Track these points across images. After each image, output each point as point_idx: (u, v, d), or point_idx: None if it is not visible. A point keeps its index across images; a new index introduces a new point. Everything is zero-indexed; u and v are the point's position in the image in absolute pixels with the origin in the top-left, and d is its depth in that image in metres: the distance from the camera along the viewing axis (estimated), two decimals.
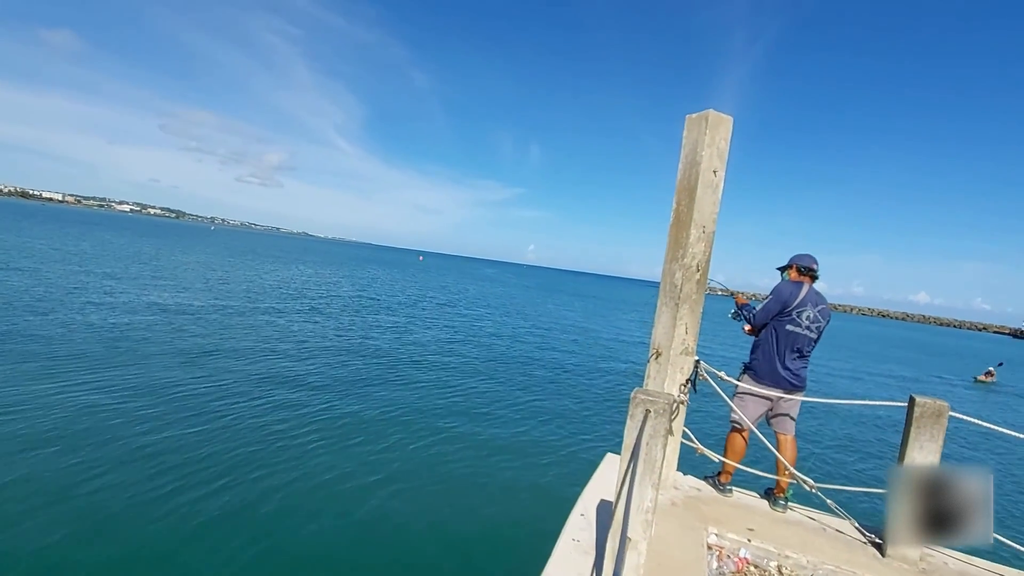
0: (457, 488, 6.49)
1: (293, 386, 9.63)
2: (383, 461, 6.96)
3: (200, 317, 15.07)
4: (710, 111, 3.15)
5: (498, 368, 13.65)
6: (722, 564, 2.90)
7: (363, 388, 10.11)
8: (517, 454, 7.75)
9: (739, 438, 3.67)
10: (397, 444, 7.57)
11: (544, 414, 9.95)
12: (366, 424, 8.15)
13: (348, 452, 7.09)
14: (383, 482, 6.37)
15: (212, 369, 9.96)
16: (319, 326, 16.44)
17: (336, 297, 25.77)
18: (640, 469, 1.99)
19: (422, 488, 6.36)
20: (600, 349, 19.56)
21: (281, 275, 34.29)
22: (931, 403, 2.88)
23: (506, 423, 9.11)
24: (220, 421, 7.49)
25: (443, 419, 8.90)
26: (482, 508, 6.06)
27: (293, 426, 7.68)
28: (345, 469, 6.57)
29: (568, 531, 2.80)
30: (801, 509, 3.44)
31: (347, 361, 12.23)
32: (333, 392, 9.57)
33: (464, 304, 31.43)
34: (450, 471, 6.92)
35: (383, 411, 8.89)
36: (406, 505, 5.91)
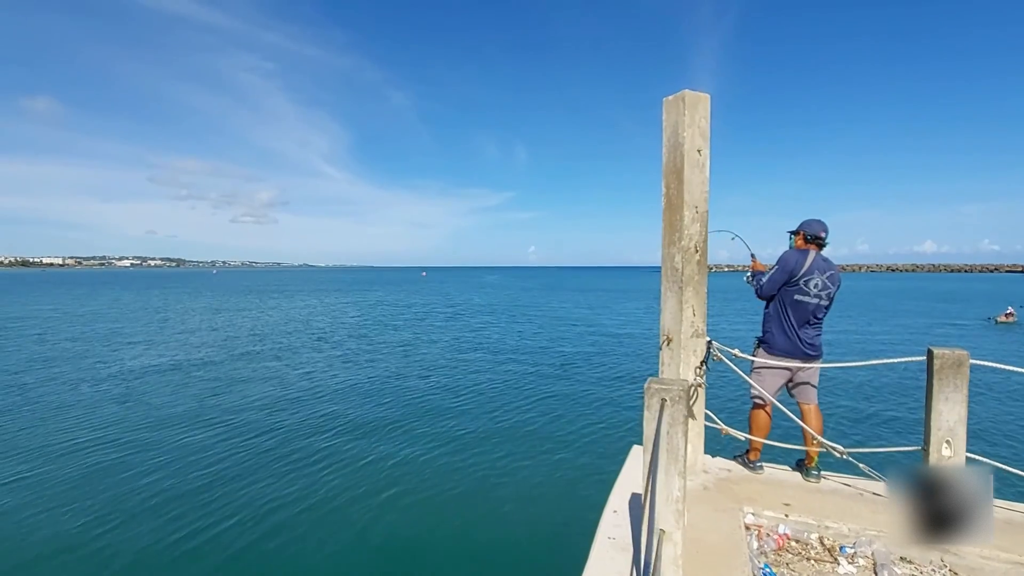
0: (485, 494, 6.51)
1: (302, 415, 9.69)
2: (405, 476, 7.02)
3: (208, 360, 15.15)
4: (686, 91, 3.13)
5: (510, 373, 13.63)
6: (763, 543, 2.86)
7: (376, 410, 10.13)
8: (541, 455, 7.74)
9: (762, 413, 3.62)
10: (417, 458, 7.61)
11: (563, 411, 9.93)
12: (384, 444, 8.18)
13: (369, 470, 7.18)
14: (408, 497, 6.43)
15: (221, 410, 9.98)
16: (326, 355, 16.47)
17: (341, 324, 25.84)
18: (664, 459, 1.97)
19: (450, 498, 6.39)
20: (610, 340, 19.52)
21: (285, 309, 34.44)
22: (950, 353, 2.84)
23: (525, 425, 9.10)
24: (230, 457, 7.58)
25: (460, 429, 8.91)
26: (513, 512, 6.06)
27: (309, 453, 7.75)
28: (368, 487, 6.66)
29: (603, 529, 2.77)
30: (835, 477, 3.39)
31: (356, 385, 12.26)
32: (346, 417, 9.60)
33: (469, 314, 31.49)
34: (475, 479, 6.94)
35: (398, 430, 8.92)
36: (435, 517, 5.95)
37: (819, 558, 2.75)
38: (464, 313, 31.77)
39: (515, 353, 16.71)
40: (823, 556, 2.76)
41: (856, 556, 2.73)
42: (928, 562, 2.65)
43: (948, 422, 2.85)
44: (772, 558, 2.77)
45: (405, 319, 27.98)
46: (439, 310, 34.04)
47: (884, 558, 2.67)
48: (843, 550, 2.77)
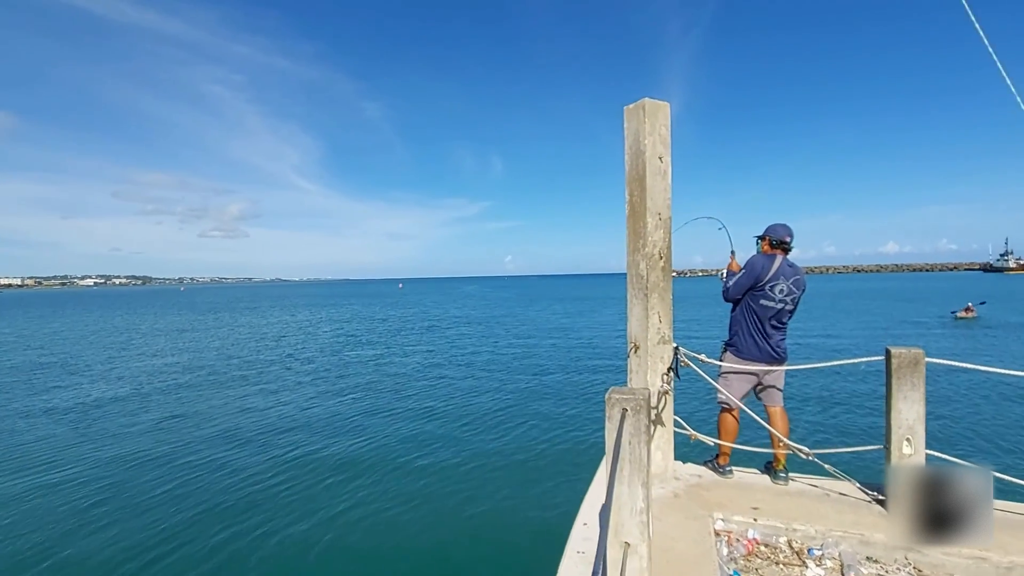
0: (456, 508, 6.43)
1: (266, 437, 9.36)
2: (374, 489, 6.92)
3: (170, 384, 14.61)
4: (646, 99, 3.16)
5: (484, 384, 13.55)
6: (732, 549, 2.85)
7: (346, 425, 9.94)
8: (514, 467, 7.68)
9: (730, 418, 3.64)
10: (387, 471, 7.51)
11: (538, 422, 9.88)
12: (354, 462, 8.01)
13: (337, 485, 7.02)
14: (378, 510, 6.35)
15: (182, 435, 9.59)
16: (296, 373, 16.09)
17: (313, 340, 25.34)
18: (627, 470, 1.94)
19: (420, 511, 6.29)
20: (583, 349, 19.60)
21: (255, 326, 33.65)
22: (907, 352, 2.89)
23: (499, 437, 9.03)
24: (192, 484, 7.27)
25: (432, 441, 8.81)
26: (484, 526, 5.99)
27: (271, 476, 7.47)
28: (336, 502, 6.51)
29: (572, 543, 2.72)
30: (802, 478, 3.42)
31: (326, 402, 11.96)
32: (315, 436, 9.35)
33: (446, 325, 31.31)
34: (446, 492, 6.85)
35: (369, 444, 8.77)
36: (404, 531, 5.87)
37: (788, 562, 2.76)
38: (441, 325, 31.55)
39: (489, 364, 16.63)
40: (792, 560, 2.77)
41: (824, 558, 2.74)
42: (893, 561, 2.68)
43: (908, 420, 2.89)
44: (742, 564, 2.76)
45: (380, 333, 27.62)
46: (415, 323, 33.73)
47: (851, 559, 2.69)
48: (811, 552, 2.78)
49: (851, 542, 2.77)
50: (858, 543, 2.75)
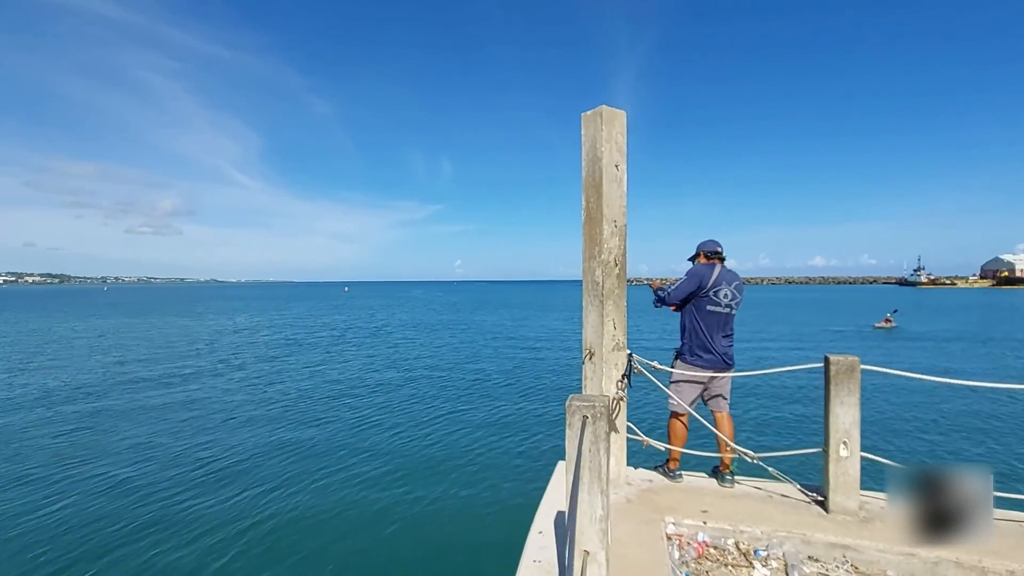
0: (405, 520, 6.24)
1: (188, 453, 8.69)
2: (315, 505, 6.59)
3: (86, 392, 13.45)
4: (603, 107, 3.19)
5: (430, 391, 13.35)
6: (683, 553, 2.90)
7: (278, 439, 9.36)
8: (464, 476, 7.56)
9: (679, 423, 3.72)
10: (327, 485, 7.18)
11: (487, 430, 9.81)
12: (289, 474, 7.62)
13: (266, 511, 6.58)
14: (320, 528, 6.00)
15: (91, 450, 8.75)
16: (226, 380, 15.17)
17: (249, 343, 24.16)
18: (587, 478, 1.92)
19: (366, 525, 6.06)
20: (531, 356, 19.69)
21: (185, 329, 31.65)
22: (844, 359, 3.04)
23: (447, 446, 8.88)
24: (95, 507, 6.57)
25: (376, 451, 8.54)
26: (435, 539, 5.84)
27: (187, 494, 6.94)
28: (271, 523, 6.13)
29: (528, 552, 2.68)
30: (747, 481, 3.53)
31: (256, 412, 11.31)
32: (241, 449, 8.79)
33: (391, 329, 30.73)
34: (392, 504, 6.64)
35: (306, 456, 8.38)
36: (350, 548, 5.60)
37: (736, 563, 2.83)
38: (386, 329, 30.90)
39: (435, 371, 16.40)
40: (740, 561, 2.84)
41: (769, 559, 2.83)
42: (832, 559, 2.79)
43: (844, 424, 3.04)
44: (693, 567, 2.80)
45: (321, 337, 26.69)
46: (360, 327, 32.86)
47: (794, 558, 2.79)
48: (757, 553, 2.86)
49: (794, 542, 2.87)
50: (800, 543, 2.86)
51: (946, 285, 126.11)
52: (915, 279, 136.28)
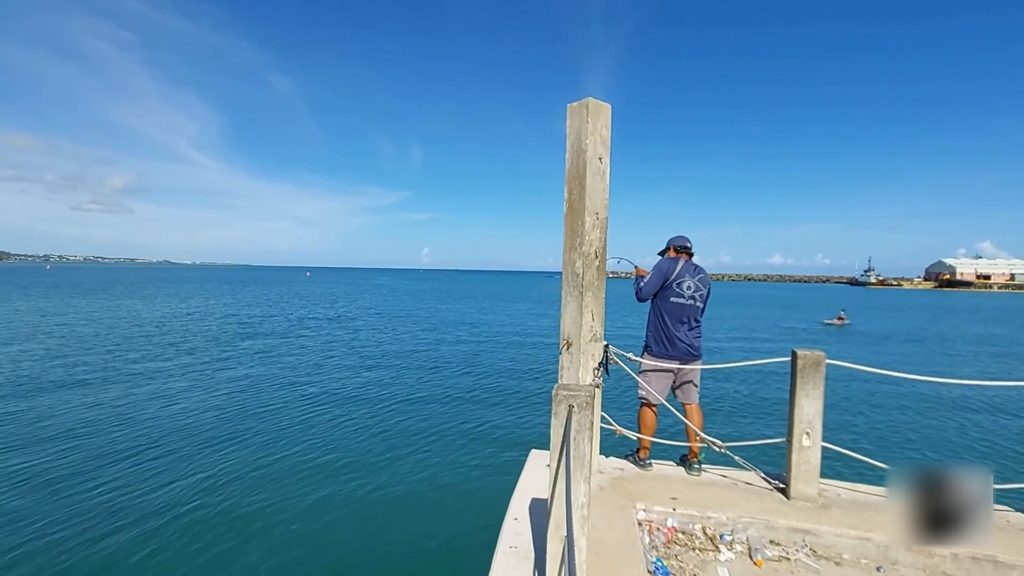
0: (378, 511, 6.19)
1: (135, 436, 8.41)
2: (287, 497, 6.45)
3: (17, 377, 12.80)
4: (590, 99, 3.20)
5: (399, 380, 13.24)
6: (654, 537, 2.99)
7: (231, 429, 9.05)
8: (435, 466, 7.55)
9: (650, 413, 3.82)
10: (297, 477, 7.04)
11: (457, 419, 9.81)
12: (257, 463, 7.44)
13: (241, 495, 6.46)
14: (293, 521, 5.89)
15: (15, 440, 8.36)
16: (174, 365, 14.57)
17: (200, 327, 23.21)
18: (572, 465, 1.95)
19: (339, 518, 5.98)
20: (502, 346, 19.75)
21: (133, 311, 30.23)
22: (810, 354, 3.18)
23: (416, 437, 8.82)
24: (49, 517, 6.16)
25: (343, 443, 8.41)
26: (409, 528, 5.83)
27: (159, 495, 6.59)
28: (241, 514, 5.99)
29: (504, 538, 2.72)
30: (714, 469, 3.66)
31: (205, 399, 10.93)
32: (184, 439, 8.44)
33: (355, 316, 30.25)
34: (366, 495, 6.57)
35: (272, 447, 8.18)
36: (324, 540, 5.52)
37: (703, 547, 2.94)
38: (350, 317, 30.37)
39: (401, 360, 16.25)
40: (707, 545, 2.95)
41: (734, 543, 2.95)
42: (792, 543, 2.93)
43: (808, 415, 3.19)
44: (663, 551, 2.90)
45: (278, 323, 26.00)
46: (320, 313, 32.16)
47: (757, 543, 2.91)
48: (723, 538, 2.98)
49: (757, 527, 3.00)
50: (763, 528, 2.99)
51: (893, 286, 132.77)
52: (865, 279, 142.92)
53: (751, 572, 2.72)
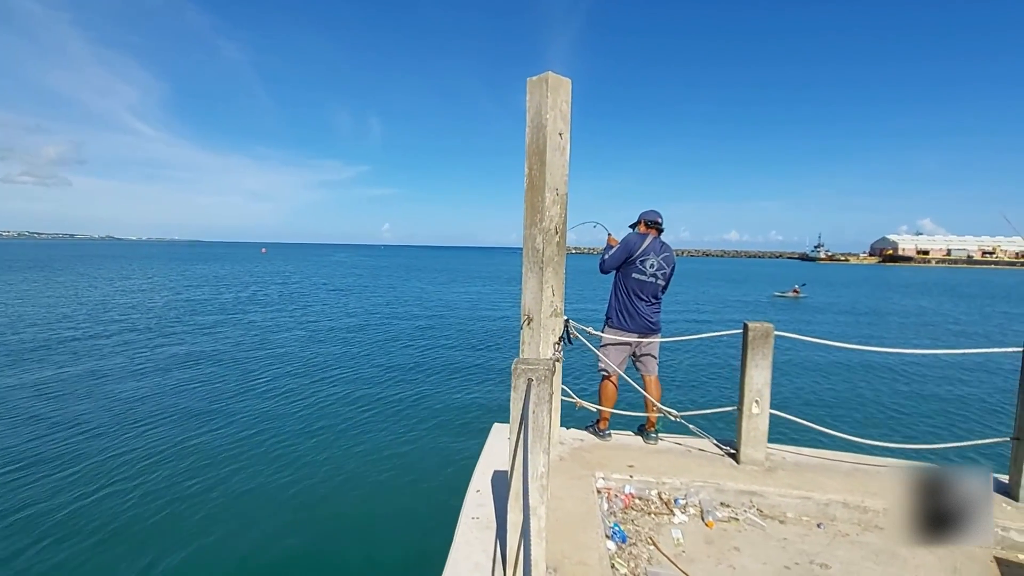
0: (342, 486, 6.20)
1: (97, 431, 8.00)
2: (246, 474, 6.37)
3: None
4: (549, 73, 3.17)
5: (361, 356, 13.13)
6: (612, 504, 3.10)
7: (199, 412, 8.86)
8: (401, 440, 7.58)
9: (609, 385, 3.92)
10: (258, 453, 6.96)
11: (421, 395, 9.83)
12: (219, 447, 7.29)
13: (200, 471, 6.36)
14: (256, 496, 5.84)
15: None
16: (114, 342, 14.01)
17: (146, 304, 22.26)
18: (531, 437, 1.99)
19: (302, 493, 5.96)
20: (463, 321, 19.77)
21: (72, 288, 28.68)
22: (760, 326, 3.32)
23: (382, 412, 8.82)
24: None
25: (312, 420, 8.34)
26: (374, 503, 5.87)
27: (116, 478, 6.42)
28: (204, 490, 5.90)
29: (467, 509, 2.77)
30: (670, 437, 3.81)
31: (174, 387, 10.43)
32: (166, 426, 8.26)
33: (311, 293, 29.55)
34: (328, 472, 6.56)
35: (231, 423, 8.04)
36: (288, 514, 5.52)
37: (658, 511, 3.07)
38: (304, 292, 29.68)
39: (363, 338, 16.06)
40: (662, 509, 3.08)
41: (687, 506, 3.09)
42: (741, 504, 3.10)
43: (757, 384, 3.34)
44: (620, 516, 3.01)
45: (231, 299, 25.20)
46: (275, 290, 31.23)
47: (709, 505, 3.07)
48: (677, 502, 3.12)
49: (709, 490, 3.15)
50: (714, 491, 3.15)
51: (841, 261, 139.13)
52: (815, 255, 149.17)
53: (703, 533, 2.86)
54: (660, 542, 2.76)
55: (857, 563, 2.59)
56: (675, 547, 2.72)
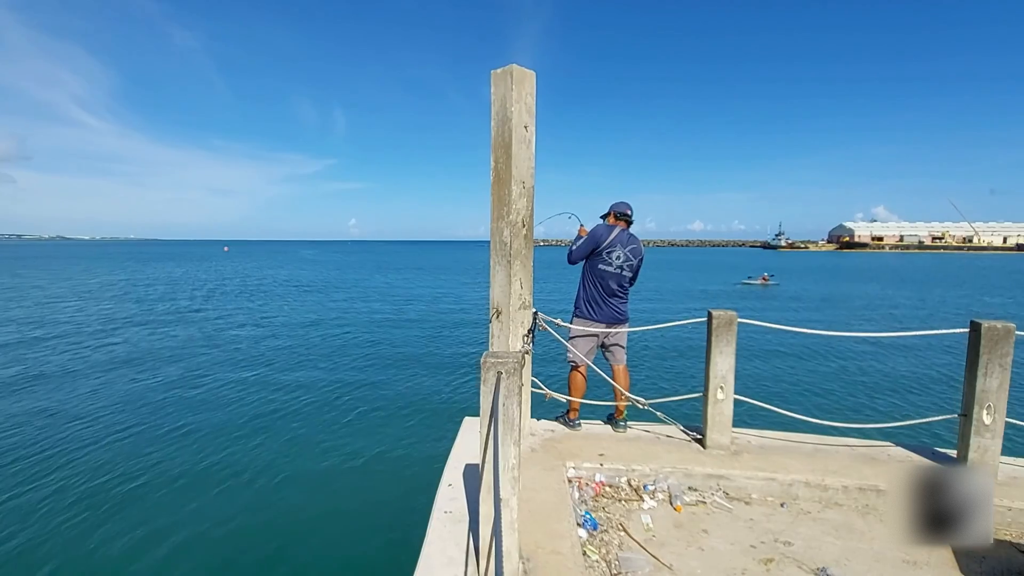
0: (317, 484, 6.14)
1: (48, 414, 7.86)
2: (213, 470, 6.25)
3: None
4: (513, 66, 3.16)
5: (328, 353, 12.91)
6: (583, 492, 3.14)
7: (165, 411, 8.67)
8: (373, 436, 7.51)
9: (579, 375, 3.96)
10: (223, 450, 6.82)
11: (394, 391, 9.74)
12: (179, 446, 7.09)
13: (182, 482, 6.16)
14: (222, 493, 5.74)
15: None
16: (66, 345, 13.43)
17: (95, 306, 21.35)
18: (501, 430, 1.99)
19: (277, 495, 5.86)
20: (436, 316, 19.64)
21: (13, 289, 27.27)
22: (724, 314, 3.40)
23: (353, 407, 8.72)
24: None
25: (277, 417, 8.19)
26: (346, 500, 5.82)
27: (82, 486, 6.29)
28: (182, 501, 5.71)
29: (439, 503, 2.76)
30: (639, 425, 3.88)
31: (104, 381, 10.22)
32: (138, 428, 8.04)
33: (276, 292, 28.83)
34: (308, 467, 6.49)
35: (200, 421, 7.83)
36: (256, 514, 5.43)
37: (628, 498, 3.13)
38: (269, 291, 28.96)
39: (332, 335, 15.78)
40: (632, 496, 3.14)
41: (656, 492, 3.16)
42: (708, 488, 3.19)
43: (722, 371, 3.42)
44: (591, 504, 3.06)
45: (192, 300, 24.39)
46: (238, 289, 30.31)
47: (677, 490, 3.14)
48: (646, 488, 3.18)
49: (677, 476, 3.23)
50: (682, 476, 3.22)
51: (801, 248, 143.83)
52: (776, 243, 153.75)
53: (672, 517, 2.93)
54: (630, 528, 2.81)
55: (819, 538, 2.70)
56: (645, 532, 2.78)
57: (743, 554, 2.58)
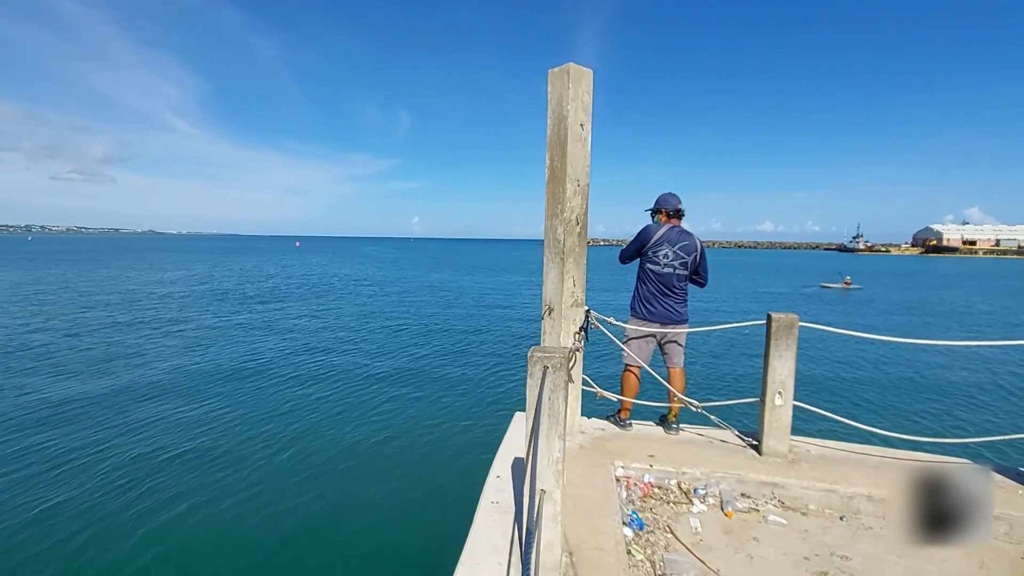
0: (372, 467, 6.46)
1: (126, 407, 8.45)
2: (281, 454, 6.67)
3: None
4: (571, 64, 3.18)
5: (390, 347, 13.36)
6: (631, 492, 3.13)
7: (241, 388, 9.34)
8: (427, 427, 7.75)
9: (632, 376, 3.92)
10: (295, 435, 7.27)
11: (448, 384, 9.99)
12: (255, 424, 7.62)
13: (242, 451, 6.66)
14: (289, 474, 6.14)
15: None
16: (164, 333, 14.56)
17: (186, 297, 23.11)
18: (545, 423, 2.04)
19: (335, 480, 6.19)
20: (491, 313, 19.88)
21: (116, 281, 29.94)
22: (784, 317, 3.28)
23: (410, 401, 9.02)
24: None
25: (341, 404, 8.61)
26: (400, 485, 6.09)
27: (156, 467, 6.67)
28: (244, 468, 6.20)
29: (487, 494, 2.84)
30: (691, 428, 3.80)
31: (200, 366, 11.03)
32: (184, 406, 8.60)
33: (343, 286, 30.15)
34: (362, 452, 6.83)
35: (269, 409, 8.35)
36: (320, 492, 5.81)
37: (677, 501, 3.08)
38: (343, 285, 30.35)
39: (392, 327, 16.35)
40: (680, 499, 3.10)
41: (707, 496, 3.10)
42: (762, 496, 3.09)
43: (781, 376, 3.30)
44: (639, 504, 3.04)
45: (272, 292, 25.97)
46: (313, 282, 32.10)
47: (729, 495, 3.06)
48: (696, 492, 3.12)
49: (729, 481, 3.15)
50: (735, 482, 3.14)
51: (881, 252, 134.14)
52: (853, 245, 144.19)
53: (721, 523, 2.87)
54: (678, 530, 2.78)
55: (880, 556, 2.56)
56: (693, 536, 2.74)
57: (795, 566, 2.49)
